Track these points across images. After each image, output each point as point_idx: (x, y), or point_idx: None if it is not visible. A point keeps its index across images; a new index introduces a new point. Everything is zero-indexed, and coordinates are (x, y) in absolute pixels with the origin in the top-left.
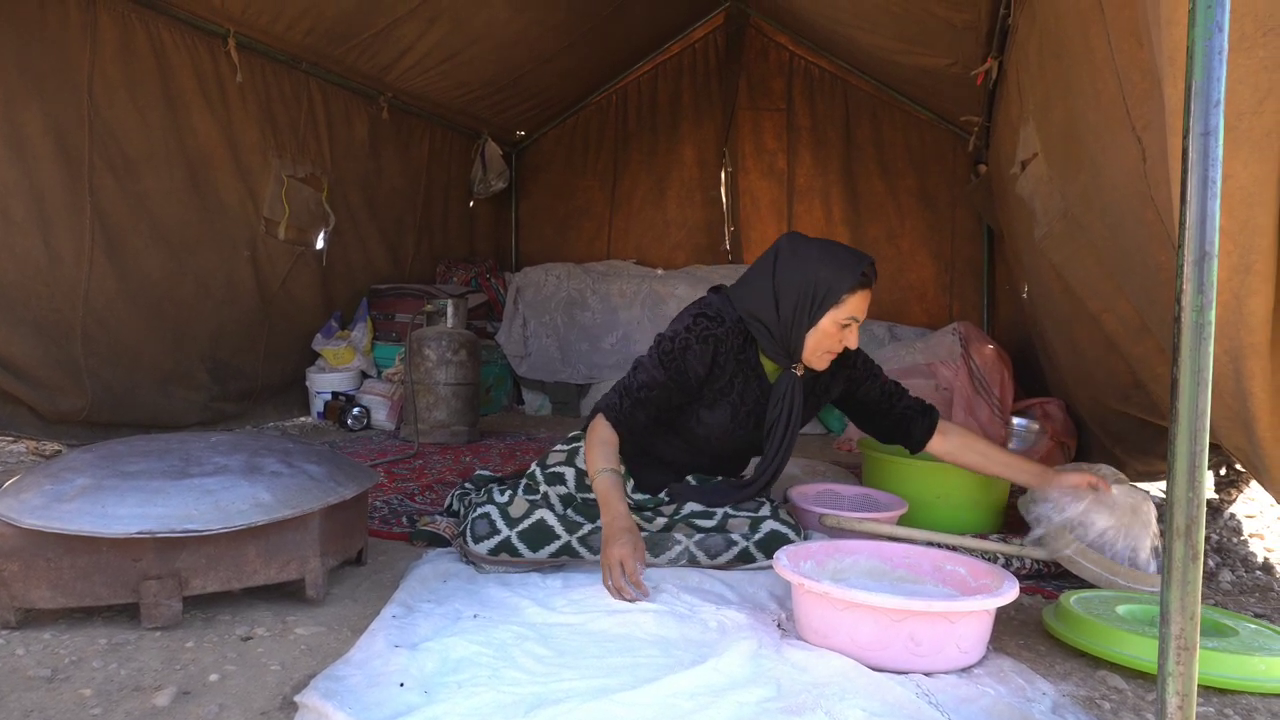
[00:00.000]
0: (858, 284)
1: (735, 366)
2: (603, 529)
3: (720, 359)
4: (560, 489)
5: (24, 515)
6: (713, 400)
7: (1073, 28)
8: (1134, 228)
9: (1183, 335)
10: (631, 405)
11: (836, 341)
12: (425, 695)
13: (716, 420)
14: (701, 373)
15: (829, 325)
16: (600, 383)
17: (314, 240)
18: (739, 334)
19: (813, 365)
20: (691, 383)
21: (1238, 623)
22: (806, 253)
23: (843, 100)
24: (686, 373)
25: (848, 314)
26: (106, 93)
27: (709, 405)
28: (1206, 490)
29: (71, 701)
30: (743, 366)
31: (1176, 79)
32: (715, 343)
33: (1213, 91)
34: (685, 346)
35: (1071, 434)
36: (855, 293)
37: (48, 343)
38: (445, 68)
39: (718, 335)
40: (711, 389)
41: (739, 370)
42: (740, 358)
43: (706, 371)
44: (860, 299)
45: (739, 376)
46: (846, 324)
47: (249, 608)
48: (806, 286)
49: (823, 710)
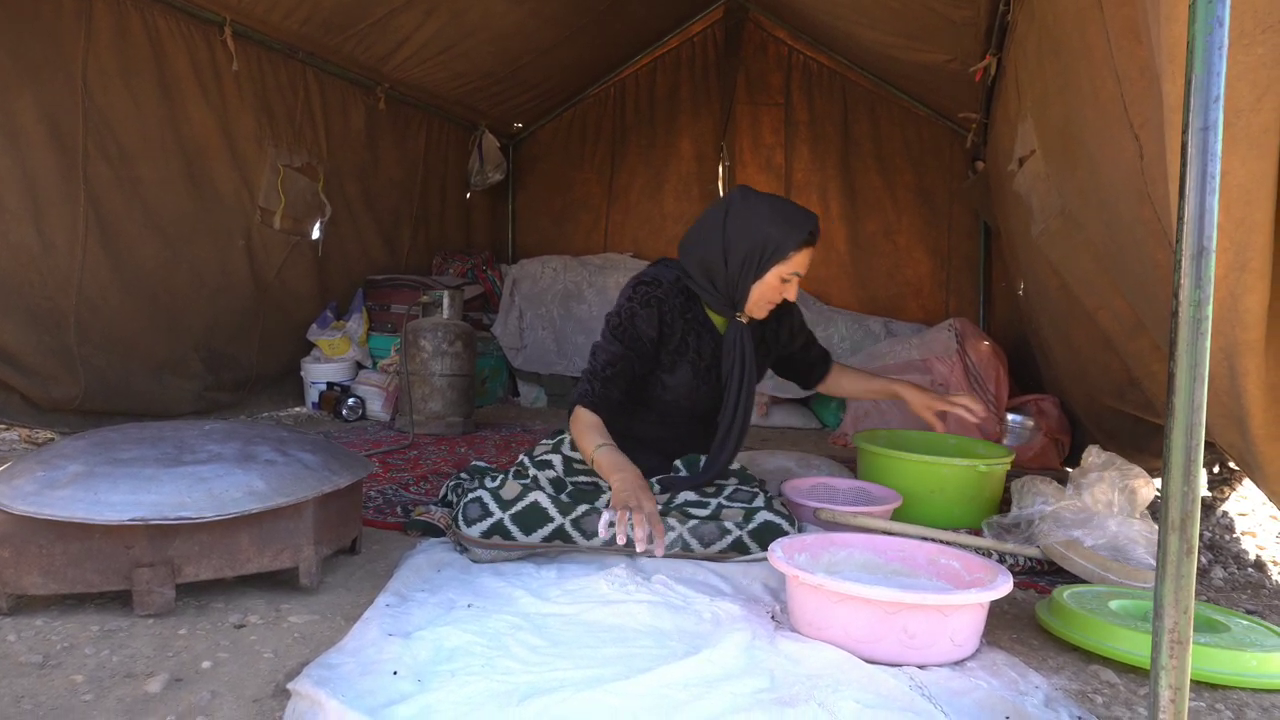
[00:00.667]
0: (804, 242)
1: (684, 325)
2: (615, 489)
3: (667, 318)
4: (549, 473)
5: (16, 501)
6: (672, 363)
7: (1071, 25)
8: (1131, 225)
9: (1180, 330)
10: (602, 385)
11: (778, 294)
12: (419, 684)
13: (680, 381)
14: (653, 334)
15: (773, 279)
16: None
17: (310, 230)
18: (679, 292)
19: (754, 314)
20: (647, 347)
21: (1230, 619)
22: (758, 208)
23: (841, 95)
24: (640, 338)
25: (792, 269)
26: (101, 80)
27: (669, 369)
28: (1201, 486)
29: (63, 688)
30: (692, 324)
31: (1176, 75)
32: (658, 304)
33: (1213, 86)
34: (632, 314)
35: (1066, 431)
36: (801, 250)
37: (41, 330)
38: (442, 59)
39: (658, 296)
40: (668, 351)
41: (689, 328)
42: (687, 316)
43: (657, 333)
44: (804, 256)
45: (690, 334)
46: (789, 279)
47: (242, 596)
48: (756, 241)
49: (816, 702)
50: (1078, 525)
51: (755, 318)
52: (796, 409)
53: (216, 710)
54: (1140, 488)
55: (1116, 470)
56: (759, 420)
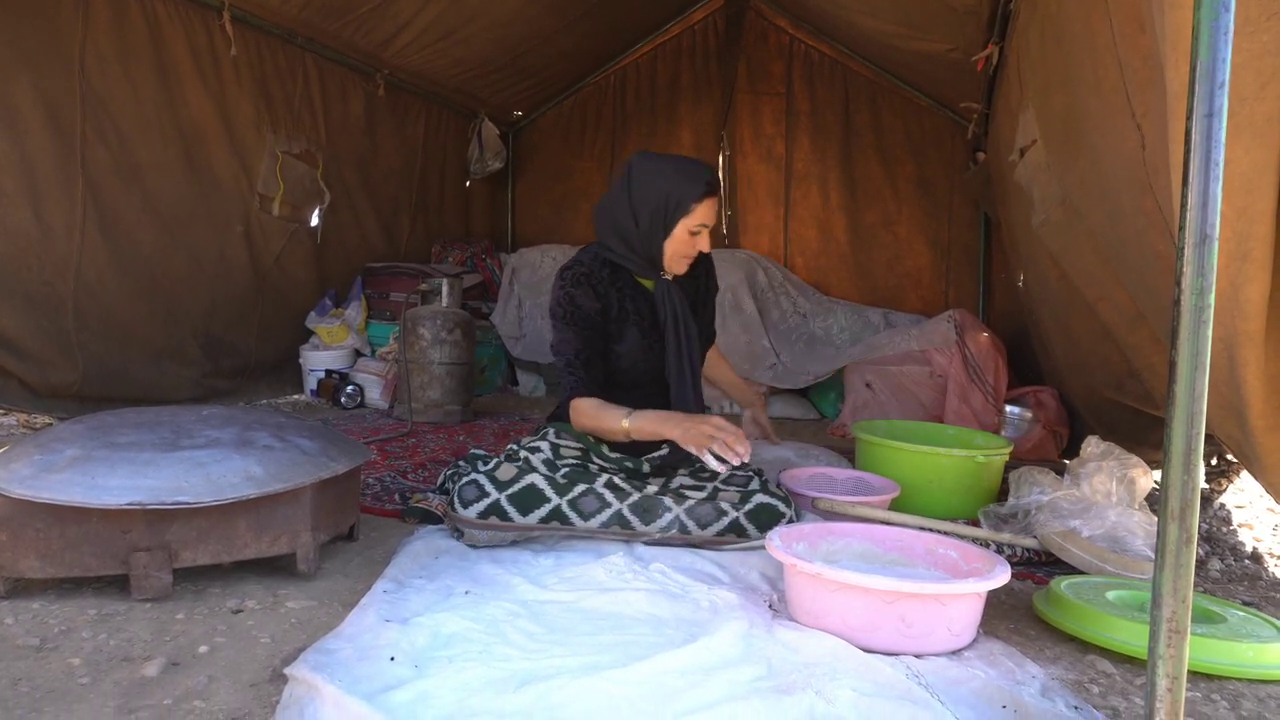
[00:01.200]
0: (704, 193)
1: (618, 293)
2: (681, 436)
3: (600, 289)
4: (540, 455)
5: (13, 485)
6: (619, 331)
7: (1074, 13)
8: (1132, 215)
9: (1182, 319)
10: (585, 370)
11: (691, 246)
12: (416, 669)
13: (630, 347)
14: (597, 305)
15: (681, 233)
16: None
17: (308, 217)
18: (603, 266)
19: (675, 270)
20: (598, 320)
21: (1226, 610)
22: (658, 168)
23: (842, 85)
24: (589, 315)
25: (697, 221)
26: (99, 65)
27: (618, 338)
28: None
29: (60, 670)
30: (625, 291)
31: (1179, 63)
32: (587, 279)
33: (1218, 72)
34: (570, 298)
35: (1064, 423)
36: (703, 201)
37: (39, 315)
38: (442, 45)
39: (584, 273)
40: (611, 321)
41: (623, 294)
42: (617, 285)
43: (599, 304)
44: (707, 206)
45: (626, 299)
46: (697, 231)
47: (239, 581)
48: (660, 200)
49: (813, 690)
50: (1075, 515)
51: (677, 273)
52: (795, 399)
53: (213, 694)
54: (1139, 478)
55: (1115, 460)
56: None
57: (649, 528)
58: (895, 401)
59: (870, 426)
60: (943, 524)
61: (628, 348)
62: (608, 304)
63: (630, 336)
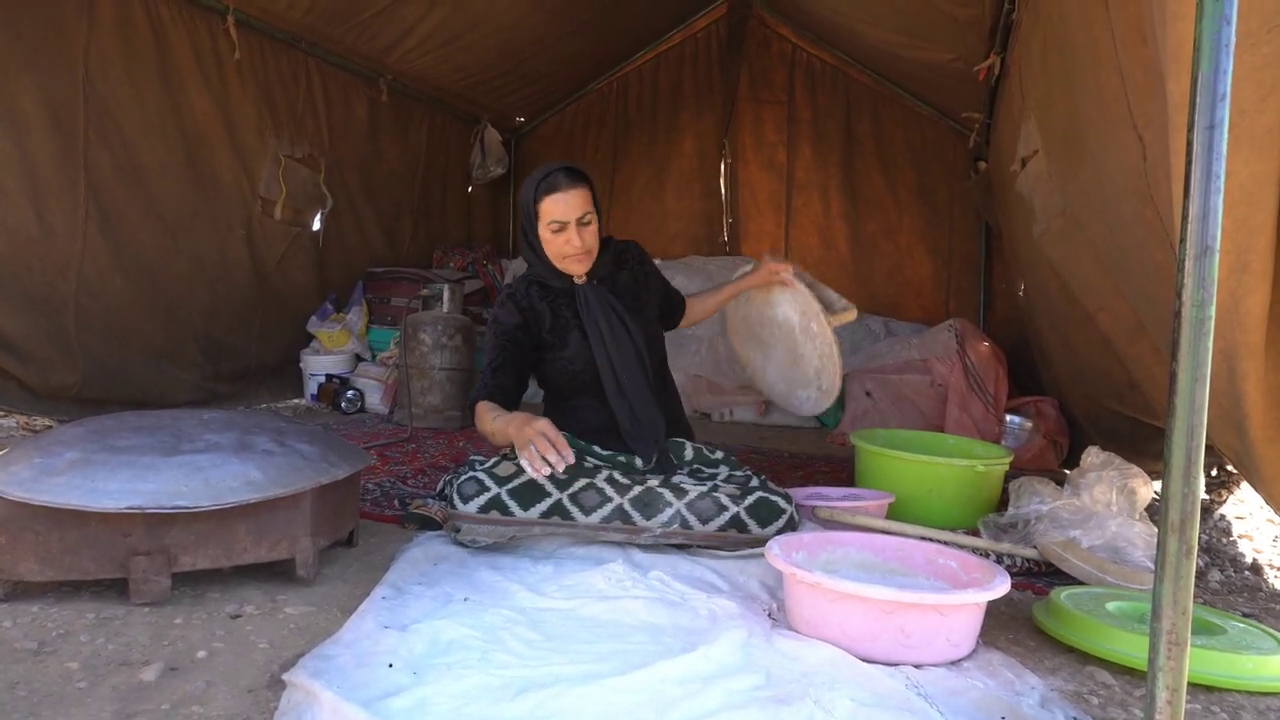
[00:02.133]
0: (543, 190)
1: (549, 306)
2: (510, 430)
3: (524, 305)
4: None
5: (12, 488)
6: (560, 339)
7: (1076, 24)
8: (1133, 226)
9: (1182, 331)
10: (492, 376)
11: (562, 244)
12: (414, 676)
13: (575, 350)
14: (517, 319)
15: (545, 234)
16: None
17: (310, 221)
18: (530, 284)
19: (572, 270)
20: (517, 333)
21: (1226, 621)
22: (525, 181)
23: (844, 94)
24: (507, 327)
25: (549, 219)
26: (102, 67)
27: (561, 345)
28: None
29: (58, 674)
30: (557, 302)
31: (1181, 74)
32: (512, 299)
33: (1219, 85)
34: (495, 317)
35: (1065, 433)
36: (543, 199)
37: (39, 316)
38: (446, 51)
39: (511, 293)
40: (551, 333)
41: (556, 306)
42: (548, 299)
43: (521, 319)
44: (552, 203)
45: (560, 309)
46: (557, 228)
47: (238, 586)
48: (522, 209)
49: (812, 699)
50: (1075, 525)
51: (577, 273)
52: None
53: (211, 700)
54: (1139, 488)
55: (1115, 470)
56: (758, 418)
57: (650, 523)
58: (895, 410)
59: (870, 435)
60: (942, 533)
61: (574, 352)
62: (535, 317)
63: (573, 341)
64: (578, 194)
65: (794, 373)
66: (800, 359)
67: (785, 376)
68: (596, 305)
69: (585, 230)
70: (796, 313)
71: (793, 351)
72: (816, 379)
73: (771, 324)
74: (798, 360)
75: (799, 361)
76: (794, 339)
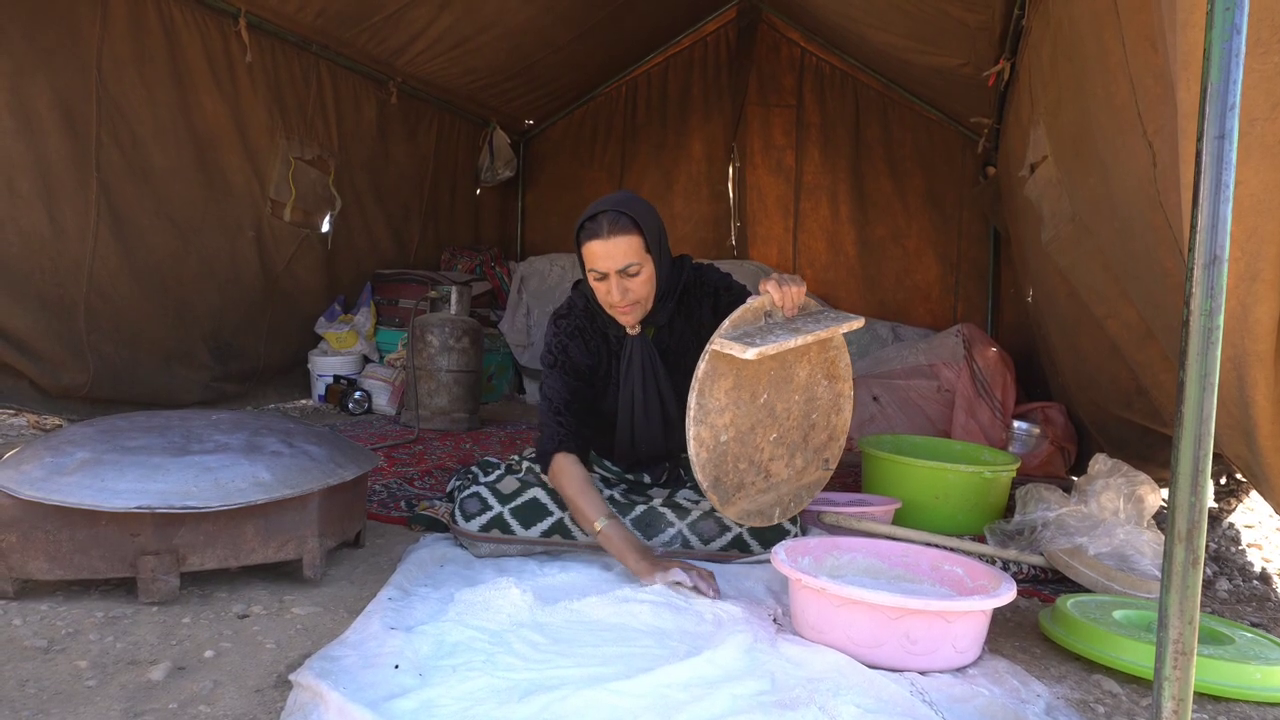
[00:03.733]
0: (585, 235)
1: (605, 351)
2: (639, 564)
3: (591, 344)
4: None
5: (23, 487)
6: (602, 388)
7: (1087, 30)
8: (1142, 233)
9: (1190, 339)
10: (573, 420)
11: (604, 294)
12: (420, 678)
13: (609, 405)
14: (590, 362)
15: (592, 279)
16: None
17: (319, 223)
18: (589, 315)
19: (618, 319)
20: (588, 374)
21: (1234, 631)
22: None
23: (853, 98)
24: (580, 368)
25: (590, 266)
26: (115, 69)
27: (600, 395)
28: (1208, 497)
29: (67, 672)
30: (610, 348)
31: (1190, 83)
32: (581, 334)
33: (1229, 94)
34: (563, 347)
35: (1072, 439)
36: (585, 244)
37: (50, 317)
38: (455, 54)
39: (576, 325)
40: (600, 376)
41: (609, 352)
42: (603, 339)
43: (591, 361)
44: (590, 250)
45: (611, 359)
46: (598, 277)
47: (246, 586)
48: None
49: (816, 705)
50: (1082, 532)
51: (624, 323)
52: None
53: (218, 699)
54: (1147, 495)
55: (1123, 477)
56: None
57: (651, 542)
58: (902, 416)
59: (877, 441)
60: (948, 539)
61: (608, 404)
62: (598, 359)
63: (609, 393)
64: (621, 243)
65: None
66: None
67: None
68: (636, 367)
69: (632, 281)
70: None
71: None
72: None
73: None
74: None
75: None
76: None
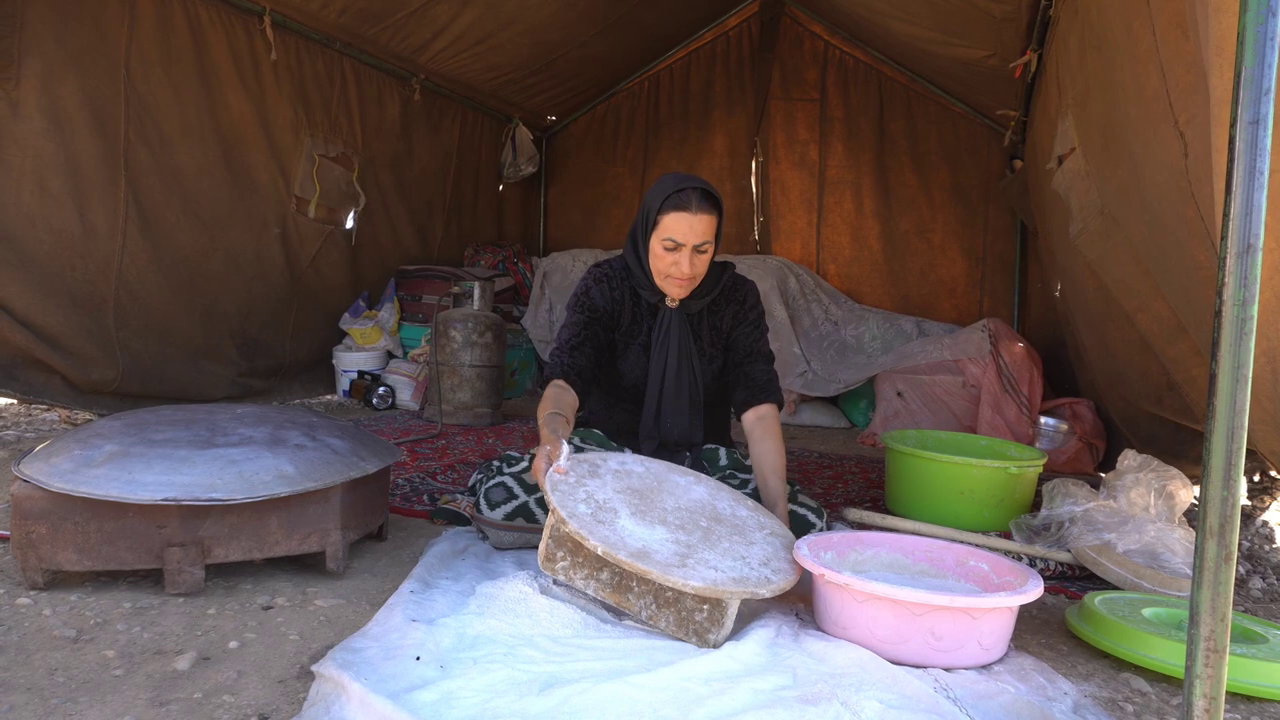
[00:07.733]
0: (670, 205)
1: (634, 307)
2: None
3: (617, 295)
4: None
5: (53, 479)
6: (624, 348)
7: (1116, 20)
8: (1174, 225)
9: (1223, 330)
10: (569, 355)
11: (667, 264)
12: (441, 670)
13: (631, 366)
14: (606, 305)
15: (656, 247)
16: None
17: (343, 220)
18: (626, 273)
19: (669, 292)
20: (605, 316)
21: (1268, 630)
22: (659, 180)
23: (877, 91)
24: (597, 308)
25: (665, 235)
26: (143, 68)
27: (622, 354)
28: (1241, 493)
29: (95, 662)
30: (642, 309)
31: (1224, 69)
32: (608, 280)
33: (1264, 78)
34: (586, 290)
35: (1101, 436)
36: (668, 213)
37: (81, 314)
38: (478, 50)
39: (608, 274)
40: (621, 334)
41: (639, 311)
42: (635, 299)
43: (610, 305)
44: (675, 220)
45: (641, 318)
46: (670, 246)
47: (270, 578)
48: (642, 211)
49: (839, 700)
50: (1111, 528)
51: (675, 297)
52: (825, 407)
53: (242, 689)
54: (1178, 491)
55: (1153, 473)
56: (787, 418)
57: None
58: (927, 411)
59: (901, 436)
60: (974, 536)
61: (630, 367)
62: (620, 309)
63: (633, 356)
64: (705, 220)
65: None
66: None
67: None
68: (674, 337)
69: (699, 258)
70: None
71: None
72: None
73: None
74: None
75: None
76: None
